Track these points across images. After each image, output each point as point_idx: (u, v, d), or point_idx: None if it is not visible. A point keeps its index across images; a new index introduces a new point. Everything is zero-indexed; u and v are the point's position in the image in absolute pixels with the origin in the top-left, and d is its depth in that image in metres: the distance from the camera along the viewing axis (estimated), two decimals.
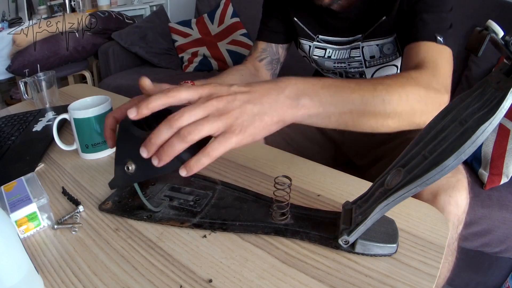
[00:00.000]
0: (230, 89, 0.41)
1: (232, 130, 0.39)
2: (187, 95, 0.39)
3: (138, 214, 0.49)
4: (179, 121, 0.37)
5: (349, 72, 0.84)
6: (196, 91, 0.40)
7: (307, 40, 0.85)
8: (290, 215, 0.47)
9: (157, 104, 0.38)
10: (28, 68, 1.96)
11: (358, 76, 0.84)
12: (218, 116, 0.38)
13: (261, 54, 0.85)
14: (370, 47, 0.77)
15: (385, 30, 0.74)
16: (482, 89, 0.35)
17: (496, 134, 1.07)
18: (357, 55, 0.79)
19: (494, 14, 1.32)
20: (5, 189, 0.50)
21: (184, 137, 0.37)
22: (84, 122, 0.63)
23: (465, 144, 0.33)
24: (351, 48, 0.79)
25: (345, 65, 0.83)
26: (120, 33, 2.04)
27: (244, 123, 0.39)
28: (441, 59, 0.60)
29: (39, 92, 0.92)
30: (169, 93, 0.39)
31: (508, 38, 0.30)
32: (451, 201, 0.56)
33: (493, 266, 1.08)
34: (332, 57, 0.83)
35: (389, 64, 0.80)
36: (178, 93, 0.39)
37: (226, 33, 2.04)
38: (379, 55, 0.78)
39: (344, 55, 0.81)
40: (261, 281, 0.39)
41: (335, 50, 0.82)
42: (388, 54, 0.77)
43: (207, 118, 0.38)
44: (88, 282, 0.39)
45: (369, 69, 0.81)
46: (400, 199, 0.37)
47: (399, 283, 0.38)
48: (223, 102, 0.39)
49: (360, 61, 0.80)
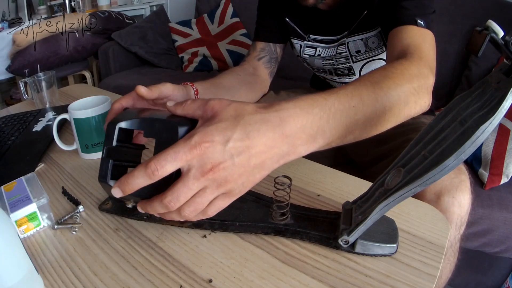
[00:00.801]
0: (225, 149, 0.34)
1: (231, 194, 0.37)
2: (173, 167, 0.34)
3: (138, 214, 0.49)
4: (175, 204, 0.35)
5: (338, 69, 0.86)
6: (184, 161, 0.34)
7: (299, 39, 0.86)
8: (290, 215, 0.47)
9: (138, 184, 0.35)
10: (28, 68, 1.96)
11: (347, 72, 0.85)
12: (216, 188, 0.35)
13: (260, 53, 0.86)
14: (354, 42, 0.78)
15: (368, 24, 0.75)
16: (482, 89, 0.35)
17: (496, 134, 1.07)
18: (343, 51, 0.81)
19: (494, 14, 1.32)
20: (5, 189, 0.50)
21: (183, 216, 0.36)
22: (84, 122, 0.63)
23: (465, 144, 0.33)
24: (338, 45, 0.81)
25: (332, 61, 0.85)
26: (120, 33, 2.04)
27: (244, 184, 0.37)
28: (424, 43, 0.61)
29: (39, 92, 0.92)
30: (151, 172, 0.33)
31: (508, 38, 0.31)
32: (454, 202, 0.56)
33: (493, 266, 1.08)
34: (321, 55, 0.85)
35: (376, 58, 0.81)
36: (162, 170, 0.33)
37: (226, 33, 2.04)
38: (365, 49, 0.79)
39: (332, 52, 0.83)
40: (261, 281, 0.39)
41: (324, 48, 0.84)
42: (373, 48, 0.79)
43: (204, 190, 0.35)
44: (88, 282, 0.39)
45: (356, 63, 0.83)
46: (400, 199, 0.37)
47: (399, 283, 0.38)
48: (220, 174, 0.34)
49: (347, 56, 0.82)
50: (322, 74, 0.93)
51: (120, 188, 0.36)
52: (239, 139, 0.34)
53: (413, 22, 0.63)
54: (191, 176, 0.34)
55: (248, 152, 0.35)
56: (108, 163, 0.40)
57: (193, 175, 0.34)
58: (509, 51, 0.31)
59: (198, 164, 0.34)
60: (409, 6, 0.65)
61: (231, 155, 0.34)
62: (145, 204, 0.37)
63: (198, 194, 0.35)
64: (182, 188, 0.34)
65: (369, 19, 0.74)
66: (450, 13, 1.38)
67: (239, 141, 0.34)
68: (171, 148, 0.34)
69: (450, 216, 0.57)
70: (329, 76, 0.90)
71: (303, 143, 0.37)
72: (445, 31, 1.39)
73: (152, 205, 0.36)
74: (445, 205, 0.56)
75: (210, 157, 0.34)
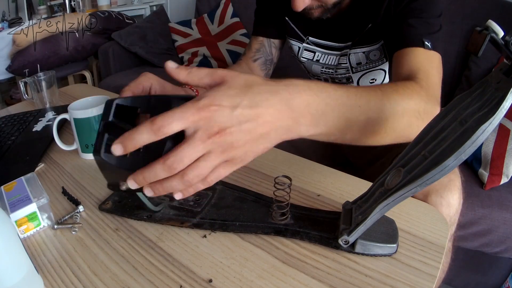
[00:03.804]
0: (233, 115, 0.34)
1: (233, 162, 0.36)
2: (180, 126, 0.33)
3: (138, 214, 0.49)
4: (179, 165, 0.33)
5: (335, 78, 0.85)
6: (191, 121, 0.33)
7: (297, 41, 0.85)
8: (290, 215, 0.47)
9: (142, 140, 0.33)
10: (28, 68, 1.96)
11: (345, 81, 0.85)
12: (220, 153, 0.34)
13: (255, 54, 0.85)
14: (356, 55, 0.77)
15: (371, 37, 0.74)
16: (482, 89, 0.35)
17: (496, 134, 1.07)
18: (344, 62, 0.80)
19: (494, 14, 1.32)
20: (5, 189, 0.50)
21: (185, 181, 0.34)
22: (84, 122, 0.63)
23: (465, 144, 0.33)
24: (341, 55, 0.80)
25: (332, 71, 0.83)
26: (120, 33, 2.04)
27: (247, 154, 0.36)
28: (431, 67, 0.61)
29: (39, 92, 0.92)
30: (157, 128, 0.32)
31: (508, 38, 0.30)
32: (442, 202, 0.56)
33: (493, 266, 1.08)
34: (320, 61, 0.84)
35: (376, 69, 0.80)
36: (168, 127, 0.32)
37: (226, 33, 2.04)
38: (366, 61, 0.78)
39: (333, 61, 0.82)
40: (261, 281, 0.39)
41: (324, 54, 0.82)
42: (374, 60, 0.78)
43: (209, 155, 0.34)
44: (88, 282, 0.39)
45: (355, 74, 0.82)
46: (400, 199, 0.37)
47: (399, 283, 0.38)
48: (226, 138, 0.34)
49: (347, 67, 0.80)
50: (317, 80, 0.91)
51: (122, 144, 0.33)
52: (248, 107, 0.34)
53: (420, 43, 0.62)
54: (197, 137, 0.33)
55: (255, 121, 0.35)
56: (103, 137, 0.39)
57: (199, 137, 0.33)
58: (509, 51, 0.31)
59: (205, 126, 0.33)
60: (416, 24, 0.64)
61: (239, 122, 0.34)
62: (142, 171, 0.34)
63: (202, 158, 0.34)
64: (187, 149, 0.33)
65: (373, 33, 0.73)
66: (450, 13, 1.38)
67: (247, 108, 0.34)
68: (178, 108, 0.33)
69: None
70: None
71: (306, 123, 0.38)
72: (445, 31, 1.38)
73: (151, 169, 0.34)
74: (433, 204, 0.56)
75: (218, 120, 0.33)
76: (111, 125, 0.40)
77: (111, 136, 0.39)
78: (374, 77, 0.82)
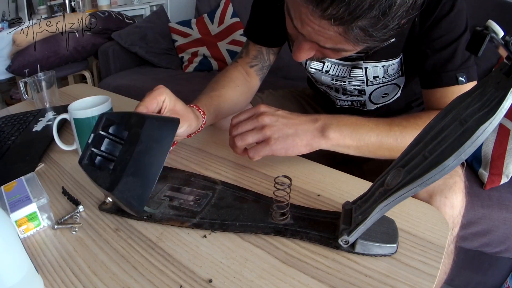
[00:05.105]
0: (276, 112, 0.56)
1: (268, 141, 0.54)
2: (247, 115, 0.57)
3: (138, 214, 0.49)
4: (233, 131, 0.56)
5: (347, 90, 0.81)
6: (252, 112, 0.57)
7: None
8: (290, 215, 0.47)
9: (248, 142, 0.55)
10: (28, 68, 1.96)
11: (357, 93, 0.81)
12: (260, 130, 0.54)
13: (252, 60, 0.82)
14: (374, 68, 0.73)
15: (392, 52, 0.70)
16: (482, 89, 0.35)
17: (496, 134, 1.07)
18: (359, 75, 0.76)
19: (494, 14, 1.32)
20: (5, 189, 0.50)
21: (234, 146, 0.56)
22: (84, 122, 0.63)
23: (465, 144, 0.33)
24: (352, 67, 0.75)
25: (345, 83, 0.79)
26: (120, 33, 2.04)
27: (279, 139, 0.53)
28: None
29: (39, 92, 0.92)
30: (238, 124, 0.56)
31: (508, 38, 0.30)
32: (446, 203, 0.56)
33: (493, 266, 1.08)
34: (330, 72, 0.79)
35: (391, 83, 0.76)
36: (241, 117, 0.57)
37: (226, 33, 2.04)
38: (383, 75, 0.74)
39: (344, 73, 0.77)
40: (261, 281, 0.39)
41: (334, 64, 0.77)
42: (391, 74, 0.74)
43: (253, 130, 0.55)
44: (88, 282, 0.39)
45: (370, 87, 0.78)
46: (400, 199, 0.37)
47: (399, 283, 0.38)
48: (267, 119, 0.54)
49: (362, 80, 0.76)
50: (326, 89, 0.87)
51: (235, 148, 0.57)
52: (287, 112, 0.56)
53: (455, 81, 0.61)
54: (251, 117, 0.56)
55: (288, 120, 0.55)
56: (88, 148, 0.46)
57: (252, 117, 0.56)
58: (509, 51, 0.31)
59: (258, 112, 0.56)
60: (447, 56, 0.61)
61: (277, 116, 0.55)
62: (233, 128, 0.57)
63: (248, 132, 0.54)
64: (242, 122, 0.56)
65: (395, 48, 0.69)
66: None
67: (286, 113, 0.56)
68: None
69: None
70: (334, 93, 0.85)
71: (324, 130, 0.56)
72: None
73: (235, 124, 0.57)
74: (437, 204, 0.56)
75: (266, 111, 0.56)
76: (98, 137, 0.46)
77: (95, 150, 0.46)
78: (387, 92, 0.78)
